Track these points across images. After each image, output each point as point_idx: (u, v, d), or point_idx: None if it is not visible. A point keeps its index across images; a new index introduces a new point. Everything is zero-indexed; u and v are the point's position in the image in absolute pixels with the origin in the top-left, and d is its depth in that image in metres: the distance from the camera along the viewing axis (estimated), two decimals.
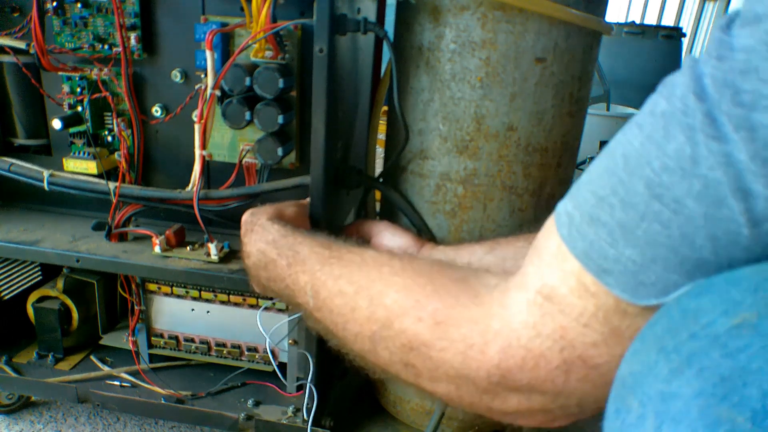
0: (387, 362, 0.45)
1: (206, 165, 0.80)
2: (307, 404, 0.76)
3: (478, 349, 0.37)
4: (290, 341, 0.82)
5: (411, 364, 0.42)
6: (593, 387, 0.35)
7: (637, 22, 3.76)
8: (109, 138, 0.79)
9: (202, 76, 0.69)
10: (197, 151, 0.72)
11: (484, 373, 0.37)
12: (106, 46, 0.75)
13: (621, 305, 0.32)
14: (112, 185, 0.74)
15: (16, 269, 0.93)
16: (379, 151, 0.87)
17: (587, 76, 0.70)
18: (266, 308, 0.84)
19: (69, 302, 0.89)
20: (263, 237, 0.59)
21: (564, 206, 0.35)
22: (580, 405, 0.37)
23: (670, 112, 0.28)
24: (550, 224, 0.36)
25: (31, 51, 0.72)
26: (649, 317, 0.30)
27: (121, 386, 0.86)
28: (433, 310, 0.41)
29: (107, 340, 0.93)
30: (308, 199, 0.67)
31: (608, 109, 2.86)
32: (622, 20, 4.53)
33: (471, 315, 0.39)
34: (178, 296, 0.86)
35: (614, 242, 0.31)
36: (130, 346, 0.88)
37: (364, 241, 0.72)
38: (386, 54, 0.76)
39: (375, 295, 0.45)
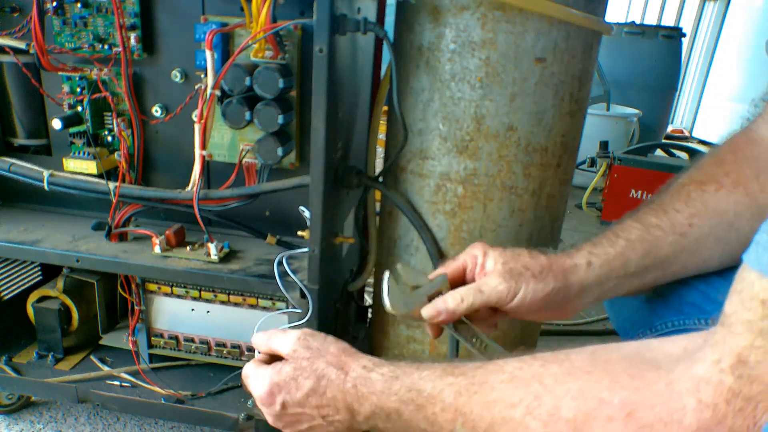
0: None
1: (206, 165, 0.80)
2: None
3: (676, 422, 0.35)
4: None
5: None
6: None
7: (637, 22, 3.76)
8: (109, 138, 0.79)
9: (202, 76, 0.69)
10: (197, 151, 0.72)
11: None
12: (106, 46, 0.75)
13: None
14: (112, 185, 0.74)
15: (16, 269, 0.93)
16: (379, 151, 0.87)
17: (587, 76, 0.70)
18: (266, 308, 0.84)
19: (69, 302, 0.89)
20: (369, 389, 0.49)
21: (755, 244, 0.34)
22: None
23: None
24: (739, 285, 0.35)
25: (31, 51, 0.72)
26: None
27: (121, 386, 0.86)
28: (620, 402, 0.37)
29: (107, 340, 0.93)
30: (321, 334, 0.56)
31: (608, 109, 2.85)
32: (622, 20, 4.53)
33: (659, 388, 0.36)
34: (178, 296, 0.86)
35: None
36: (130, 346, 0.88)
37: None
38: (386, 54, 0.76)
39: (549, 411, 0.40)
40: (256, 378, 0.54)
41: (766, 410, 0.32)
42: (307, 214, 0.71)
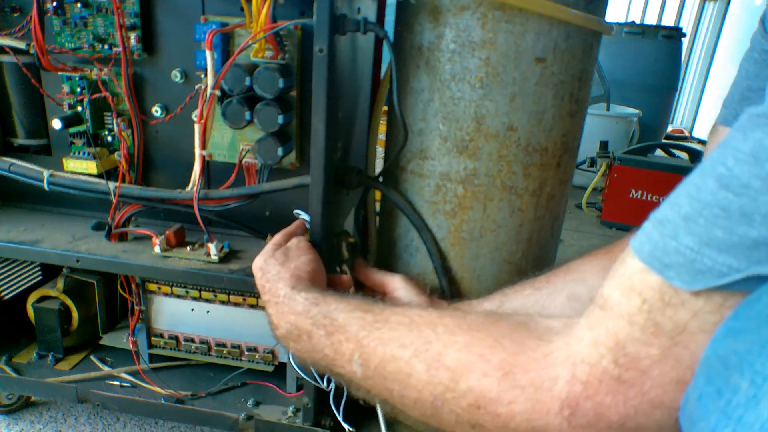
0: (452, 425, 0.43)
1: (206, 165, 0.80)
2: (306, 404, 0.76)
3: (547, 388, 0.37)
4: None
5: (479, 425, 0.41)
6: (650, 406, 0.35)
7: (637, 22, 3.76)
8: (109, 138, 0.79)
9: (202, 76, 0.69)
10: (197, 151, 0.72)
11: (554, 417, 0.37)
12: (106, 46, 0.75)
13: (666, 296, 0.33)
14: (112, 185, 0.74)
15: (16, 269, 0.93)
16: (379, 151, 0.87)
17: (587, 76, 0.70)
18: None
19: (69, 302, 0.89)
20: (291, 308, 0.56)
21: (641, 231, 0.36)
22: None
23: (755, 120, 0.29)
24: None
25: (31, 51, 0.72)
26: (697, 307, 0.31)
27: (121, 386, 0.86)
28: (498, 362, 0.40)
29: (107, 340, 0.93)
30: (313, 252, 0.65)
31: (608, 109, 2.86)
32: (622, 20, 4.53)
33: (536, 356, 0.39)
34: (178, 296, 0.86)
35: (676, 235, 0.32)
36: (130, 346, 0.88)
37: (381, 295, 0.72)
38: (386, 54, 0.76)
39: (433, 357, 0.44)
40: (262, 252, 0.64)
41: (638, 394, 0.34)
42: (302, 216, 0.71)
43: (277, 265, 0.61)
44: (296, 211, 0.73)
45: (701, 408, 0.29)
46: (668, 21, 4.93)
